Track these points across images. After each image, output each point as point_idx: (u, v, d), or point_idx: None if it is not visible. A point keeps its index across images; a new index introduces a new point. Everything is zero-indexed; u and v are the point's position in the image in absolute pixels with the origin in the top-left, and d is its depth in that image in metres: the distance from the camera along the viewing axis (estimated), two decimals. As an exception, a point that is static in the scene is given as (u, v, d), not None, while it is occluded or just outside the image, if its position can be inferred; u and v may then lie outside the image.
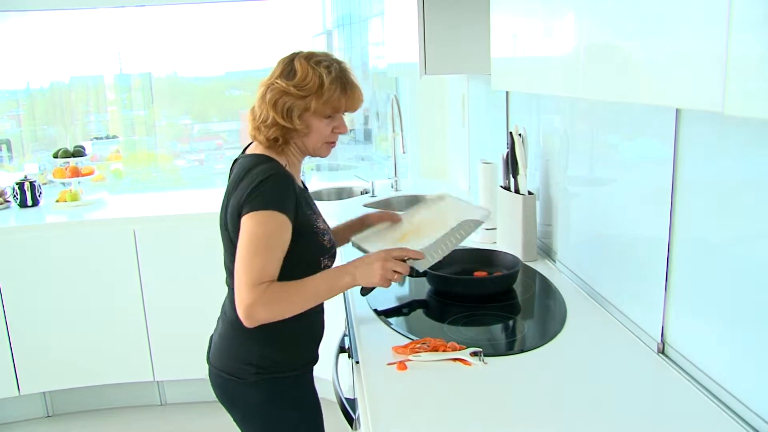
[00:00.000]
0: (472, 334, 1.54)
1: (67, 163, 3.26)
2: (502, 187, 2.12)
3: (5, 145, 3.67)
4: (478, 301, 1.69)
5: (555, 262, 1.98)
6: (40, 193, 3.22)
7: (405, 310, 1.70)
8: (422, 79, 2.80)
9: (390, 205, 3.14)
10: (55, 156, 3.28)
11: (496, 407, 1.20)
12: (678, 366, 1.30)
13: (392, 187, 3.32)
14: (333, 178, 3.84)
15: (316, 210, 1.54)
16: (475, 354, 1.36)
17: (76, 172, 3.26)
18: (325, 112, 1.42)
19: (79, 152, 3.30)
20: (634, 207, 1.48)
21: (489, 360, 1.35)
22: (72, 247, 2.92)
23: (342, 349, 1.65)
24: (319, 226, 1.47)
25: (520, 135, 1.99)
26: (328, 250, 1.49)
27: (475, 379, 1.29)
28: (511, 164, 2.02)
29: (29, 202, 3.18)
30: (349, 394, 1.48)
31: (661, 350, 1.36)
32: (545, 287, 1.81)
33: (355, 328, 1.56)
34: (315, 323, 1.56)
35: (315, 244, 1.45)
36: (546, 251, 2.07)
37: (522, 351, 1.41)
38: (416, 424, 1.16)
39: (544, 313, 1.70)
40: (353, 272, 1.38)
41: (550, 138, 2.00)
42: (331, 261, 1.52)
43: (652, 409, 1.17)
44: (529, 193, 1.99)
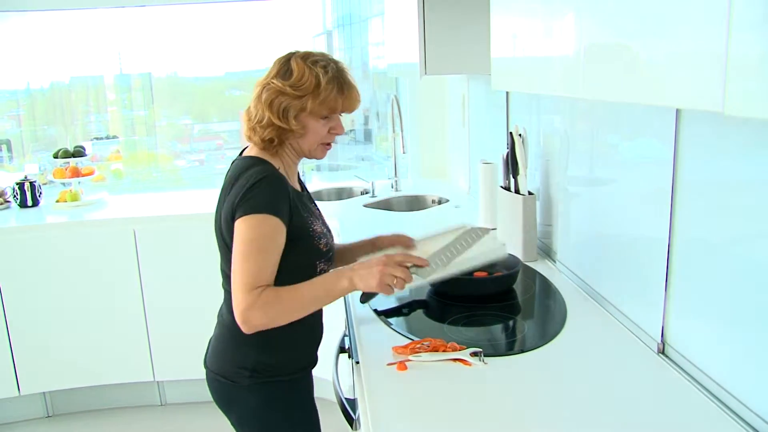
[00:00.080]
0: (472, 335, 1.54)
1: (68, 163, 3.26)
2: (502, 187, 2.12)
3: (5, 145, 3.67)
4: (478, 302, 1.69)
5: (555, 262, 1.98)
6: (41, 194, 3.22)
7: (405, 311, 1.70)
8: (422, 80, 2.80)
9: (390, 206, 3.14)
10: (56, 156, 3.28)
11: (497, 407, 1.20)
12: (678, 366, 1.30)
13: (392, 188, 3.32)
14: (333, 178, 3.84)
15: (315, 212, 1.52)
16: (475, 354, 1.35)
17: (77, 173, 3.26)
18: (322, 113, 1.40)
19: (79, 152, 3.30)
20: (635, 207, 1.48)
21: (489, 360, 1.35)
22: (72, 248, 2.92)
23: (342, 350, 1.65)
24: (316, 229, 1.45)
25: (520, 135, 1.99)
26: (325, 254, 1.47)
27: (476, 380, 1.29)
28: (512, 164, 2.02)
29: (29, 202, 3.18)
30: (349, 395, 1.48)
31: (661, 350, 1.36)
32: (545, 287, 1.81)
33: (355, 329, 1.56)
34: (312, 327, 1.54)
35: (311, 247, 1.43)
36: (546, 251, 2.07)
37: (522, 351, 1.41)
38: (416, 425, 1.16)
39: (544, 314, 1.70)
40: (351, 276, 1.32)
41: (551, 138, 2.00)
42: (327, 265, 1.50)
43: (652, 409, 1.17)
44: (529, 194, 1.99)
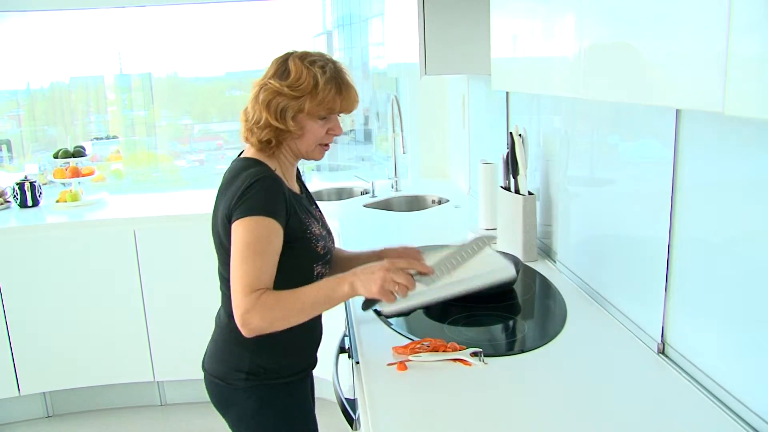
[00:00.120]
0: (472, 335, 1.54)
1: (68, 163, 3.26)
2: (502, 187, 2.12)
3: (5, 145, 3.67)
4: (478, 302, 1.69)
5: (555, 262, 1.98)
6: (41, 194, 3.22)
7: (405, 311, 1.70)
8: (422, 80, 2.80)
9: (390, 206, 3.14)
10: (56, 156, 3.28)
11: (497, 407, 1.20)
12: (678, 366, 1.30)
13: (392, 188, 3.32)
14: (333, 178, 3.84)
15: (314, 214, 1.50)
16: (475, 354, 1.35)
17: (77, 173, 3.26)
18: (320, 114, 1.39)
19: (79, 152, 3.30)
20: (635, 207, 1.48)
21: (489, 360, 1.35)
22: (72, 248, 2.92)
23: (342, 350, 1.65)
24: (314, 231, 1.43)
25: (520, 135, 1.99)
26: (322, 257, 1.45)
27: (476, 380, 1.29)
28: (512, 164, 2.02)
29: (29, 202, 3.18)
30: (350, 395, 1.48)
31: (662, 350, 1.36)
32: (545, 287, 1.81)
33: (355, 329, 1.56)
34: (311, 330, 1.52)
35: (308, 250, 1.41)
36: (546, 251, 2.07)
37: (522, 351, 1.41)
38: (416, 425, 1.16)
39: (544, 314, 1.70)
40: (353, 281, 1.28)
41: (551, 138, 2.00)
42: (325, 268, 1.48)
43: (652, 410, 1.17)
44: (530, 194, 1.99)
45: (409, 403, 1.22)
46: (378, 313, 1.62)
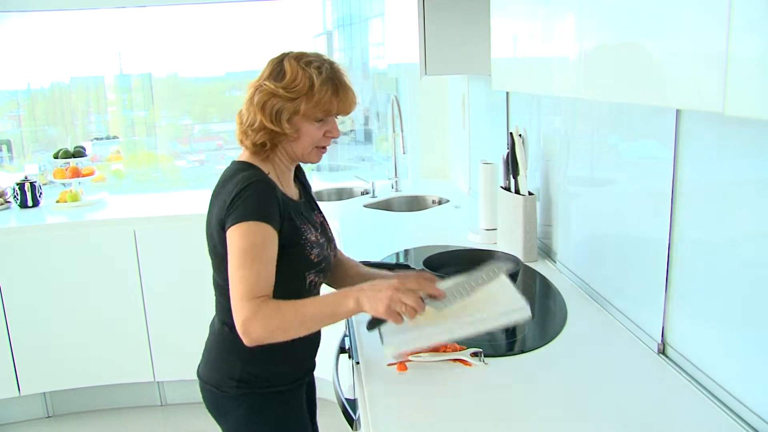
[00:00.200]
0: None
1: (68, 163, 3.26)
2: (502, 187, 2.12)
3: (6, 145, 3.67)
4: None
5: (555, 262, 1.98)
6: (41, 194, 3.22)
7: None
8: (422, 80, 2.80)
9: (390, 206, 3.14)
10: (56, 156, 3.28)
11: (497, 408, 1.20)
12: (678, 366, 1.30)
13: (392, 188, 3.32)
14: (333, 178, 3.84)
15: (313, 220, 1.47)
16: (475, 354, 1.35)
17: (77, 173, 3.26)
18: (316, 115, 1.35)
19: (79, 153, 3.30)
20: (635, 207, 1.48)
21: (489, 360, 1.35)
22: (72, 248, 2.92)
23: (342, 350, 1.65)
24: (309, 238, 1.39)
25: (520, 135, 1.99)
26: (315, 265, 1.41)
27: (476, 380, 1.29)
28: (512, 165, 2.02)
29: (29, 202, 3.18)
30: (350, 395, 1.47)
31: (662, 351, 1.36)
32: (545, 288, 1.81)
33: (356, 329, 1.56)
34: (305, 339, 1.41)
35: (301, 257, 1.37)
36: (546, 252, 2.07)
37: (522, 352, 1.41)
38: (417, 425, 1.16)
39: (544, 314, 1.70)
40: (359, 297, 1.23)
41: (551, 139, 2.00)
42: (318, 277, 1.44)
43: (652, 410, 1.17)
44: (530, 194, 1.99)
45: (409, 404, 1.22)
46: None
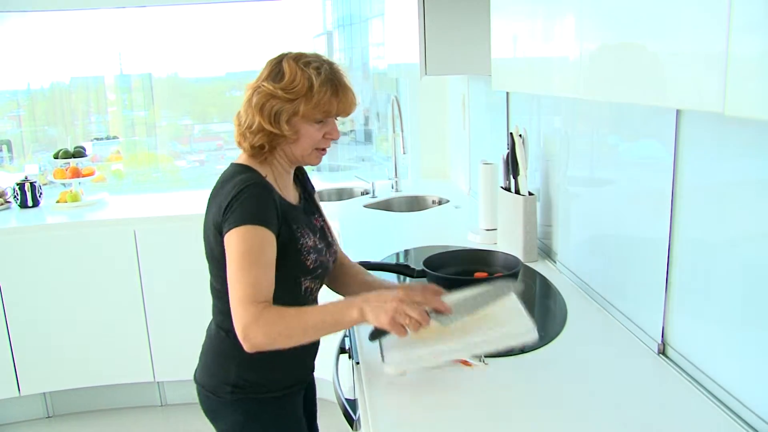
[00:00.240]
0: (473, 335, 1.53)
1: (68, 163, 3.26)
2: (502, 187, 2.12)
3: (6, 145, 3.67)
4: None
5: (555, 262, 1.98)
6: (41, 194, 3.22)
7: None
8: (423, 80, 2.80)
9: (390, 206, 3.14)
10: (56, 157, 3.28)
11: (497, 408, 1.20)
12: (678, 367, 1.29)
13: (392, 188, 3.32)
14: (333, 178, 3.84)
15: (310, 224, 1.43)
16: (475, 355, 1.35)
17: (77, 173, 3.26)
18: (315, 117, 1.33)
19: (79, 153, 3.30)
20: (635, 207, 1.48)
21: (489, 361, 1.35)
22: (72, 248, 2.92)
23: (342, 350, 1.65)
24: (307, 243, 1.37)
25: (520, 136, 1.99)
26: (311, 272, 1.39)
27: (476, 380, 1.29)
28: (512, 165, 2.02)
29: (30, 202, 3.18)
30: (350, 395, 1.47)
31: (662, 351, 1.36)
32: (545, 288, 1.81)
33: (356, 329, 1.56)
34: (302, 346, 1.33)
35: (296, 262, 1.35)
36: (546, 252, 2.07)
37: (522, 352, 1.41)
38: (417, 425, 1.16)
39: (544, 314, 1.70)
40: (362, 306, 1.20)
41: (551, 139, 2.00)
42: (314, 283, 1.43)
43: (652, 410, 1.17)
44: (530, 194, 1.99)
45: (409, 404, 1.22)
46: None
